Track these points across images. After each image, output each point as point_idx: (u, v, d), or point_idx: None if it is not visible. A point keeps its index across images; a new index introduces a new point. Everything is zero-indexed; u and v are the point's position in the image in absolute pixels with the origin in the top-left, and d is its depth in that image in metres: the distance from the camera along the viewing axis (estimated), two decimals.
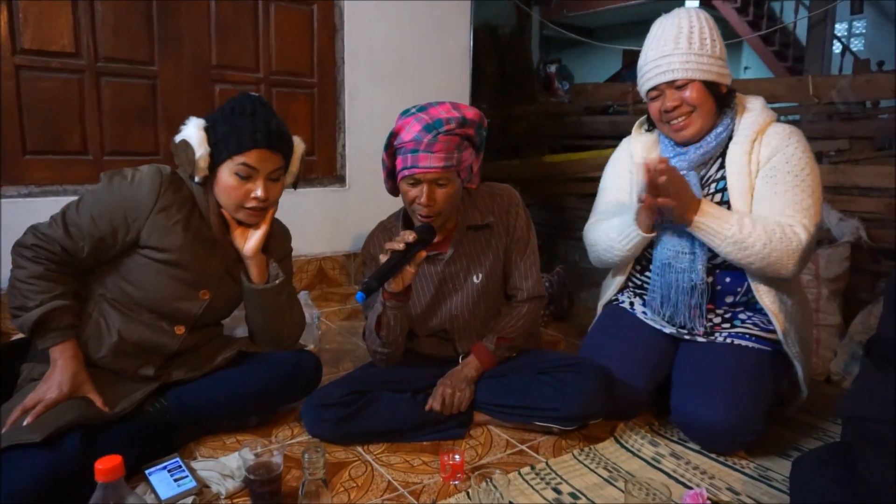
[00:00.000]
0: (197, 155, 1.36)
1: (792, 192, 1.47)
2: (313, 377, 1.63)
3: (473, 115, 1.48)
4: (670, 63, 1.51)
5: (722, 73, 1.53)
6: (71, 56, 2.29)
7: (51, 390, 1.27)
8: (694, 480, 1.40)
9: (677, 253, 1.58)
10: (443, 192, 1.47)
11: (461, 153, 1.48)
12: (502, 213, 1.63)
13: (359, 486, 1.34)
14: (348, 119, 2.95)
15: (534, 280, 1.66)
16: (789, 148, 1.50)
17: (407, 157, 1.45)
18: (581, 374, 1.52)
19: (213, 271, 1.48)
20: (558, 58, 7.10)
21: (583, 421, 1.56)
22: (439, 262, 1.60)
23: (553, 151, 4.06)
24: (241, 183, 1.39)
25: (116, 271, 1.42)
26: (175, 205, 1.41)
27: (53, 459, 1.15)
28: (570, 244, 3.40)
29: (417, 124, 1.44)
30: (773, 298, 1.54)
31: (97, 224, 1.35)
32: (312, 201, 2.88)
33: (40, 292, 1.30)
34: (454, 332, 1.66)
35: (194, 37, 2.54)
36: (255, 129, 1.37)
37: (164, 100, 2.49)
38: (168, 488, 1.22)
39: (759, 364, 1.52)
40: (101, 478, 0.81)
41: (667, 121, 1.58)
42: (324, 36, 2.87)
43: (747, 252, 1.45)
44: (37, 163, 2.29)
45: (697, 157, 1.57)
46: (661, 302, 1.64)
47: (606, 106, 4.08)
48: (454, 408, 1.54)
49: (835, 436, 1.62)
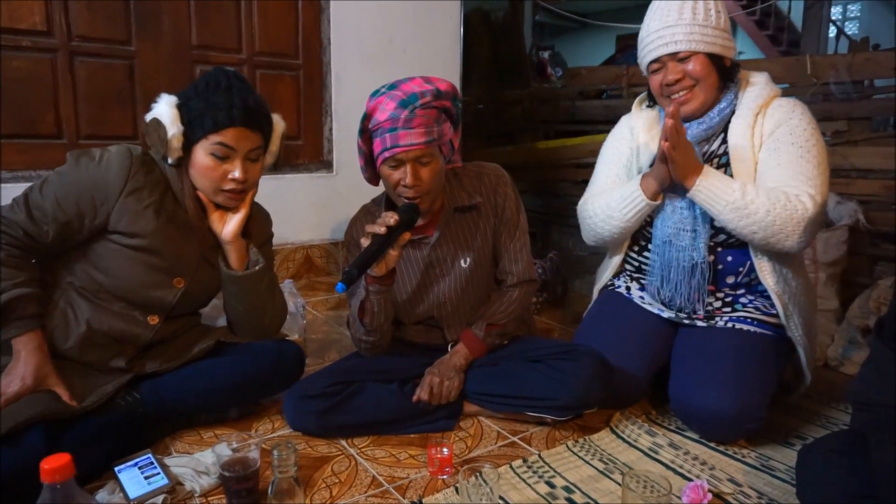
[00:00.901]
0: (169, 134, 1.28)
1: (796, 163, 1.41)
2: (295, 368, 1.56)
3: (447, 86, 1.42)
4: (673, 34, 1.44)
5: (727, 45, 1.47)
6: (43, 35, 2.19)
7: (13, 383, 1.20)
8: (693, 471, 1.34)
9: (678, 230, 1.51)
10: (427, 170, 1.40)
11: (441, 126, 1.42)
12: (490, 193, 1.56)
13: (341, 482, 1.27)
14: (335, 102, 2.86)
15: (524, 263, 1.60)
16: (793, 120, 1.45)
17: (385, 138, 1.37)
18: (576, 362, 1.45)
19: (189, 258, 1.41)
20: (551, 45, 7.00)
21: (578, 411, 1.50)
22: (425, 245, 1.54)
23: (547, 137, 4.00)
24: (218, 163, 1.32)
25: (85, 258, 1.35)
26: (146, 187, 1.33)
27: (14, 456, 1.09)
28: (565, 230, 3.34)
29: (391, 102, 1.36)
30: (776, 279, 1.48)
31: (62, 207, 1.27)
32: (298, 187, 2.80)
33: (1, 279, 1.22)
34: (442, 320, 1.59)
35: (173, 15, 2.43)
36: (232, 105, 1.29)
37: (142, 81, 2.40)
38: (138, 486, 1.15)
39: (762, 349, 1.46)
40: (48, 478, 0.74)
41: (668, 94, 1.51)
42: (309, 15, 2.77)
43: (750, 220, 1.38)
44: (9, 147, 2.19)
45: (699, 132, 1.52)
46: (661, 282, 1.57)
47: (600, 91, 4.01)
48: (443, 398, 1.48)
49: (839, 422, 1.57)
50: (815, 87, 2.68)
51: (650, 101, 1.68)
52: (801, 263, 1.59)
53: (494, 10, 4.86)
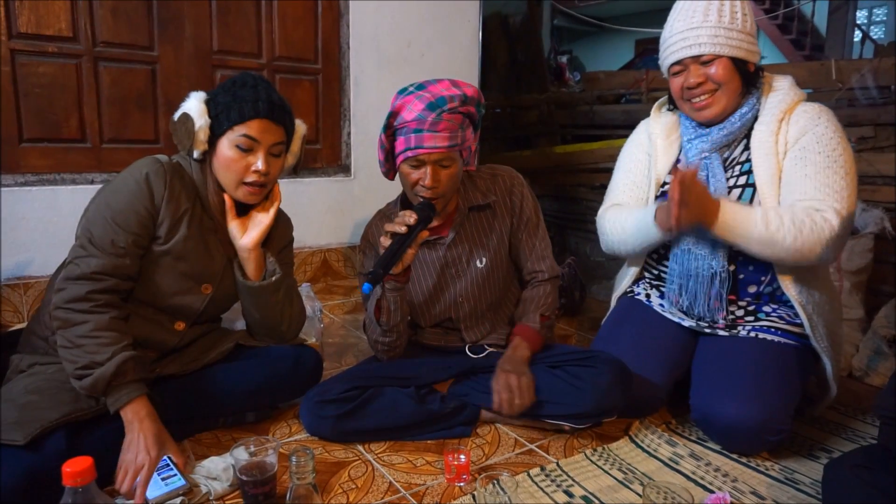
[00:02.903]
0: (196, 126, 1.30)
1: (823, 174, 1.37)
2: (313, 373, 1.56)
3: (473, 91, 1.44)
4: (698, 36, 1.41)
5: (751, 50, 1.44)
6: (68, 40, 2.23)
7: (139, 457, 1.18)
8: (715, 483, 1.31)
9: (698, 239, 1.49)
10: (446, 172, 1.42)
11: (464, 132, 1.44)
12: (504, 194, 1.58)
13: (358, 488, 1.26)
14: (353, 106, 2.88)
15: (550, 259, 1.62)
16: (819, 127, 1.41)
17: (410, 138, 1.39)
18: (595, 369, 1.43)
19: (217, 264, 1.42)
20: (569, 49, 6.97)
21: (597, 419, 1.48)
22: (440, 246, 1.54)
23: (565, 142, 3.97)
24: (242, 155, 1.33)
25: None
26: (183, 192, 1.35)
27: (37, 459, 1.09)
28: (582, 236, 3.32)
29: (420, 103, 1.38)
30: (798, 289, 1.45)
31: (128, 230, 1.27)
32: (316, 191, 2.81)
33: (109, 344, 1.20)
34: (459, 320, 1.59)
35: (195, 21, 2.46)
36: (258, 98, 1.32)
37: (163, 86, 2.42)
38: (155, 487, 1.15)
39: (786, 359, 1.43)
40: (69, 481, 0.74)
41: (688, 98, 1.49)
42: (328, 20, 2.79)
43: (776, 248, 1.36)
44: (34, 150, 2.23)
45: (720, 137, 1.49)
46: (679, 291, 1.55)
47: (619, 95, 3.98)
48: (521, 398, 1.39)
49: (865, 435, 1.53)
50: (840, 92, 2.63)
51: (670, 105, 1.65)
52: (826, 272, 1.56)
53: (512, 14, 4.85)
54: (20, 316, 2.17)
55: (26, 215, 2.16)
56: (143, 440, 1.19)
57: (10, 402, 1.17)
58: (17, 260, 2.17)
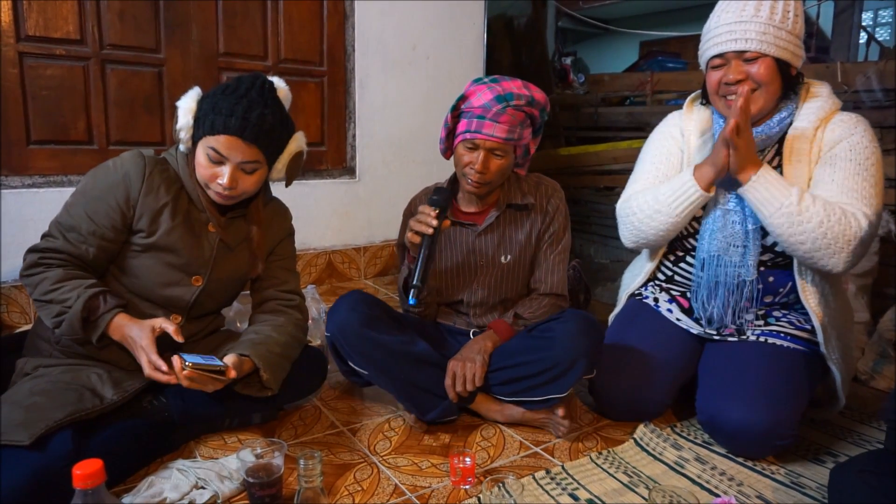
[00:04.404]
0: (178, 125, 1.33)
1: (852, 179, 1.34)
2: (318, 374, 1.57)
3: (541, 97, 1.51)
4: (745, 31, 1.35)
5: (797, 53, 1.39)
6: (76, 43, 2.24)
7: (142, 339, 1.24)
8: (721, 487, 1.31)
9: (729, 245, 1.45)
10: (497, 162, 1.49)
11: (523, 129, 1.51)
12: (543, 199, 1.63)
13: (364, 490, 1.27)
14: (359, 109, 2.88)
15: (559, 277, 1.63)
16: (854, 137, 1.38)
17: (472, 122, 1.47)
18: (564, 322, 1.48)
19: (205, 255, 1.41)
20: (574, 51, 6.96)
21: (571, 373, 1.42)
22: (472, 231, 1.60)
23: (569, 144, 3.97)
24: (210, 165, 1.32)
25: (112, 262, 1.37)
26: (162, 185, 1.36)
27: (43, 459, 1.10)
28: (586, 238, 3.31)
29: (489, 93, 1.46)
30: (818, 300, 1.43)
31: (94, 221, 1.31)
32: (321, 193, 2.82)
33: (73, 288, 1.26)
34: (471, 307, 1.65)
35: (201, 23, 2.48)
36: (233, 113, 1.27)
37: (170, 88, 2.44)
38: (197, 359, 1.22)
39: (794, 364, 1.42)
40: (80, 484, 0.75)
41: (724, 94, 1.43)
42: (334, 23, 2.80)
43: (800, 228, 1.30)
44: (41, 152, 2.24)
45: (757, 141, 1.42)
46: (707, 299, 1.51)
47: (623, 97, 3.97)
48: (467, 382, 1.45)
49: (871, 440, 1.53)
50: (846, 94, 2.63)
51: (704, 100, 1.59)
52: (841, 283, 1.54)
53: (517, 17, 4.85)
54: (27, 317, 2.19)
55: (34, 217, 2.17)
56: (136, 340, 1.25)
57: (16, 404, 1.18)
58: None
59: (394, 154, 3.01)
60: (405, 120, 3.01)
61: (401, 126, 3.01)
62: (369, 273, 2.99)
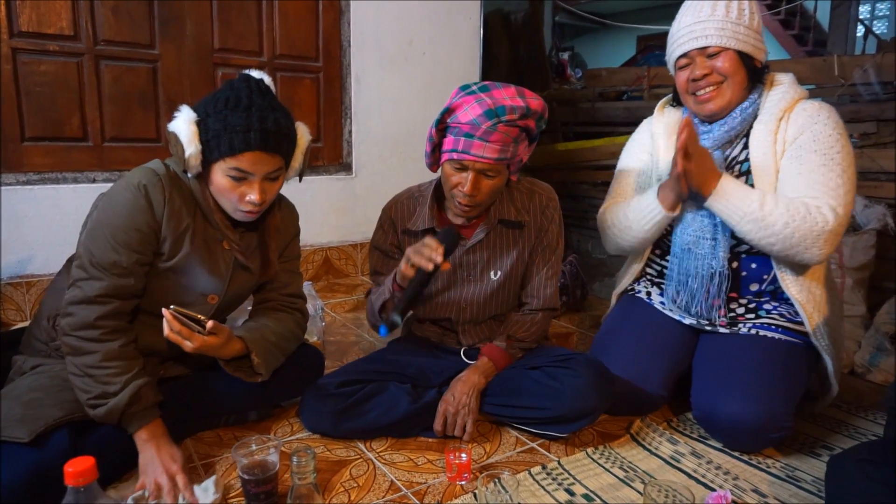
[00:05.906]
0: (186, 154, 1.22)
1: (818, 172, 1.37)
2: (315, 371, 1.56)
3: (538, 105, 1.35)
4: (705, 28, 1.42)
5: (758, 46, 1.44)
6: (69, 39, 2.23)
7: (160, 478, 1.17)
8: (717, 481, 1.31)
9: (698, 238, 1.49)
10: (488, 183, 1.37)
11: (517, 146, 1.38)
12: (538, 212, 1.53)
13: (360, 486, 1.27)
14: (355, 104, 2.87)
15: (552, 290, 1.57)
16: (817, 125, 1.40)
17: (459, 140, 1.33)
18: (572, 370, 1.40)
19: (221, 274, 1.38)
20: (571, 45, 6.95)
21: (575, 423, 1.42)
22: (459, 247, 1.50)
23: (566, 139, 3.96)
24: (235, 185, 1.25)
25: None
26: (183, 208, 1.29)
27: (40, 457, 1.10)
28: (584, 234, 3.31)
29: (478, 107, 1.31)
30: (799, 288, 1.45)
31: (133, 250, 1.24)
32: (318, 190, 2.81)
33: (121, 373, 1.20)
34: (458, 324, 1.58)
35: (196, 19, 2.46)
36: (249, 127, 1.20)
37: (165, 84, 2.43)
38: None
39: (787, 356, 1.43)
40: (71, 481, 0.74)
41: (693, 91, 1.48)
42: (329, 18, 2.79)
43: (768, 232, 1.36)
44: (36, 149, 2.23)
45: (722, 134, 1.49)
46: (677, 289, 1.55)
47: (621, 92, 3.97)
48: (457, 430, 1.43)
49: (867, 432, 1.53)
50: (843, 88, 2.62)
51: (674, 102, 1.65)
52: (827, 270, 1.55)
53: (514, 12, 4.83)
54: (22, 314, 2.18)
55: (28, 214, 2.16)
56: (161, 462, 1.19)
57: (15, 400, 1.18)
58: (20, 258, 2.18)
59: (390, 150, 3.01)
60: (401, 116, 3.00)
61: (397, 122, 3.00)
62: (366, 269, 2.98)
